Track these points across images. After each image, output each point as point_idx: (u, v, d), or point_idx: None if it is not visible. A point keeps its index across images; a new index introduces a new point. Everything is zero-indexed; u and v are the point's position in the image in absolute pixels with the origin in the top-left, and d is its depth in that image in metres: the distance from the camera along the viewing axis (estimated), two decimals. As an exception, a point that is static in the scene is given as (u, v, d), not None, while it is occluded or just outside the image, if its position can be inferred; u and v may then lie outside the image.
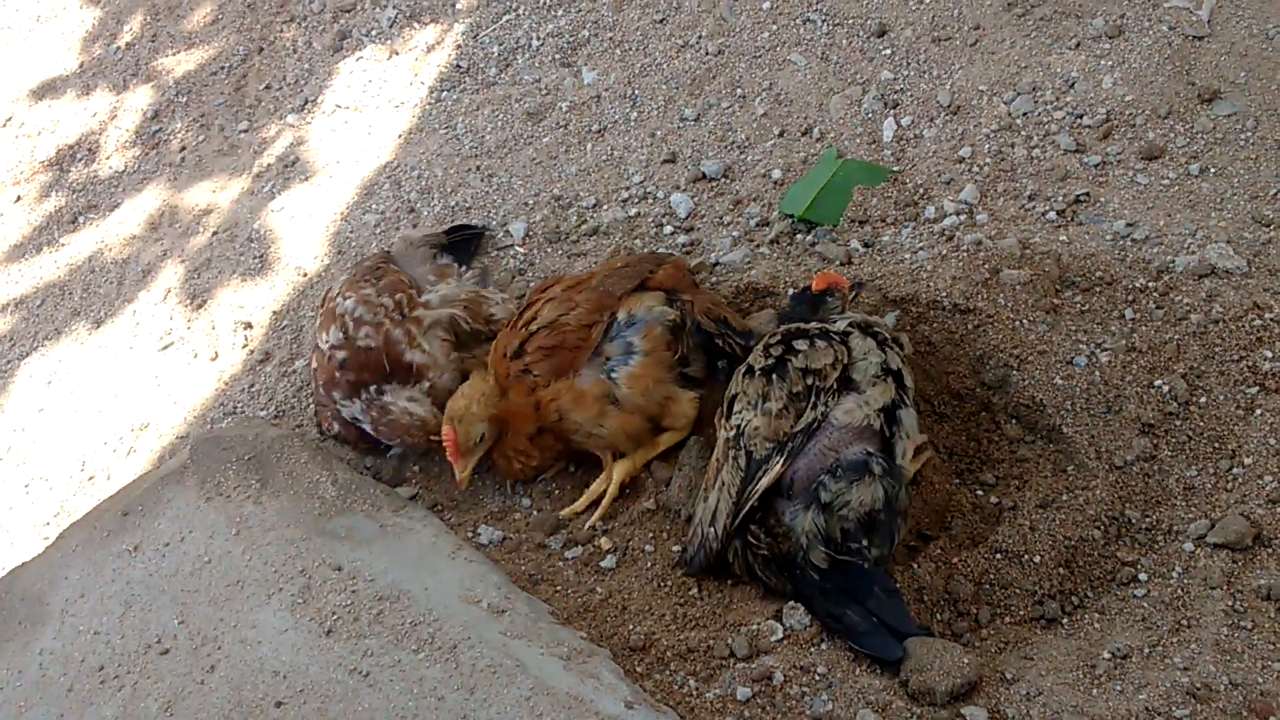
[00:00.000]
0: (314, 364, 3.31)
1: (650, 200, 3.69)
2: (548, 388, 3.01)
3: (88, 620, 2.81)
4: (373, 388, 3.14)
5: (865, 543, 2.65)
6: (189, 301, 3.99)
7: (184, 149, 4.62)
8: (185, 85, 4.81)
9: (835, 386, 2.74)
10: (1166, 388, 2.86)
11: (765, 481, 2.69)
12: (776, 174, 3.62)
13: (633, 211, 3.67)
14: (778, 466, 2.69)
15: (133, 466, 3.59)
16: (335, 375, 3.18)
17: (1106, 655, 2.52)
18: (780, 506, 2.72)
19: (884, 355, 2.79)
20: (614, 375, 3.01)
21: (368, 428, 3.16)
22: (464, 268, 3.53)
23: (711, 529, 2.72)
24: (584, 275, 3.22)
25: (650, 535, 2.95)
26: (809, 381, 2.74)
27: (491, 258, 3.68)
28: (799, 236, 3.44)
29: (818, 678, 2.54)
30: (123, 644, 2.73)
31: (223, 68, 4.82)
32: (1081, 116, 3.44)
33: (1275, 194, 3.11)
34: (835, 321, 2.92)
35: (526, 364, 3.03)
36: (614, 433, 3.03)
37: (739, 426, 2.76)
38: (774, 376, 2.77)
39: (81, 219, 4.58)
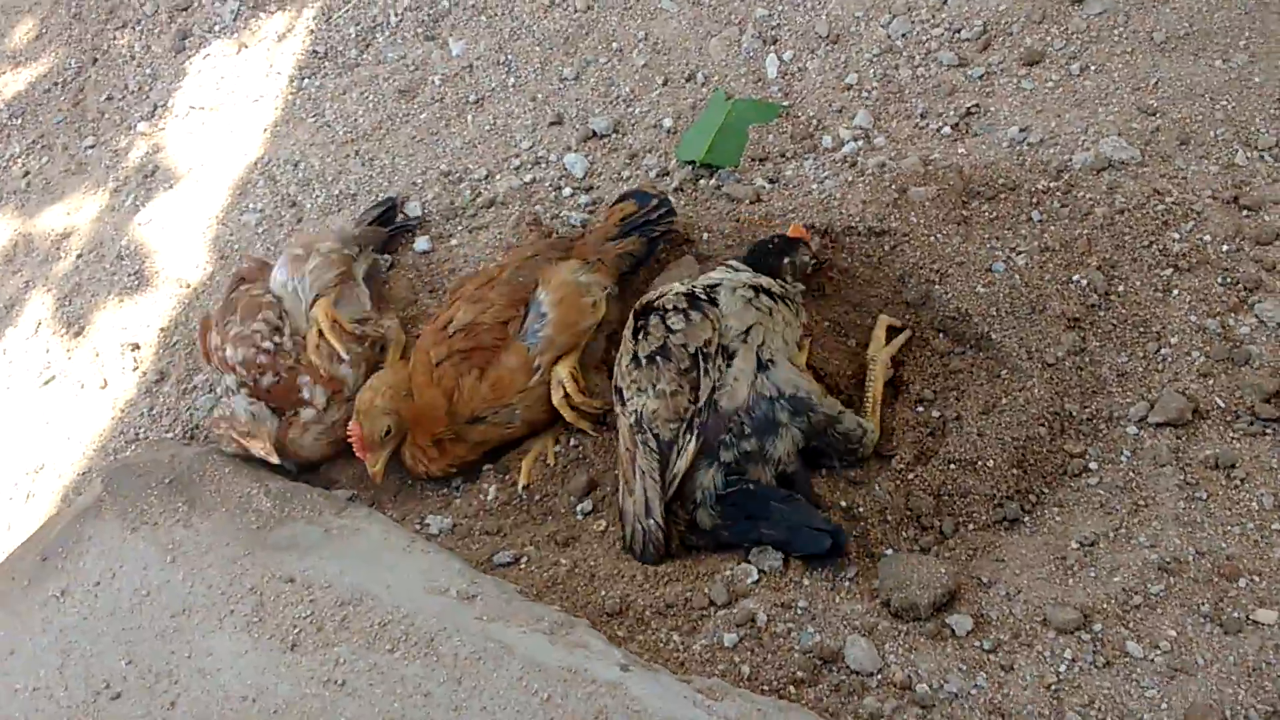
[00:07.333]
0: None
1: (544, 165, 3.59)
2: (461, 384, 2.94)
3: (23, 677, 2.61)
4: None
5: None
6: (64, 330, 3.73)
7: (28, 174, 4.32)
8: (18, 106, 4.50)
9: (721, 347, 2.73)
10: (1085, 281, 2.92)
11: (683, 464, 2.67)
12: (668, 123, 3.57)
13: (527, 178, 3.57)
14: (691, 445, 2.67)
15: (35, 512, 3.35)
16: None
17: (1074, 545, 2.57)
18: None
19: (740, 318, 2.78)
20: (534, 339, 2.96)
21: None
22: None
23: (650, 520, 2.68)
24: (495, 270, 3.13)
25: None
26: (693, 351, 2.73)
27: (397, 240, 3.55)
28: (702, 182, 3.40)
29: (800, 612, 2.52)
30: (68, 696, 2.54)
31: (56, 83, 4.52)
32: (959, 31, 3.48)
33: (1156, 83, 3.19)
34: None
35: (445, 371, 2.96)
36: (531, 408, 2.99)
37: (637, 412, 2.73)
38: (658, 359, 2.74)
39: (-75, 261, 4.25)
